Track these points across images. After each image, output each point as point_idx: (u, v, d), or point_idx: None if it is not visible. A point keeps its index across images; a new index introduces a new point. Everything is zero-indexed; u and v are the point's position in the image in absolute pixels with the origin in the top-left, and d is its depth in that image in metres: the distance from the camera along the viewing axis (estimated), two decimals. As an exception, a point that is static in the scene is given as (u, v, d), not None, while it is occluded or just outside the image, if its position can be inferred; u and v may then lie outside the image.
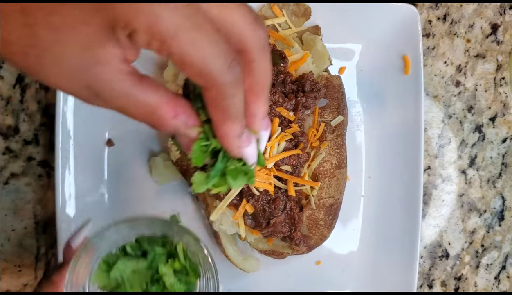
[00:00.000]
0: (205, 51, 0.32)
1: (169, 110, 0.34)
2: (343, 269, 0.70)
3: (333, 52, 0.67)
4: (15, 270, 0.71)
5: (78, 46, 0.31)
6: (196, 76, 0.33)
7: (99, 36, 0.31)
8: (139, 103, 0.34)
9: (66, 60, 0.32)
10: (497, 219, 0.74)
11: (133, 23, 0.30)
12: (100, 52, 0.31)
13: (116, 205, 0.69)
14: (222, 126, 0.36)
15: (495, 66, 0.74)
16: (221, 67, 0.32)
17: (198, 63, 0.32)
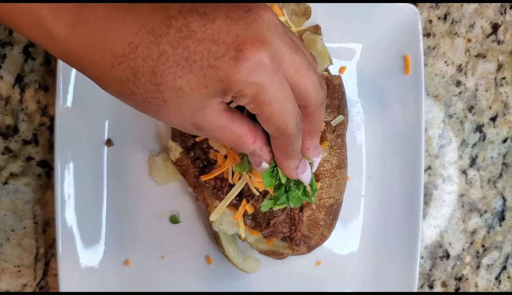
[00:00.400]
0: (286, 117, 0.41)
1: (251, 138, 0.44)
2: (343, 270, 0.70)
3: (333, 52, 0.67)
4: (15, 270, 0.71)
5: (194, 101, 0.39)
6: (273, 131, 0.42)
7: (214, 95, 0.39)
8: (229, 133, 0.42)
9: (181, 109, 0.39)
10: (497, 219, 0.74)
11: (243, 92, 0.38)
12: (208, 103, 0.39)
13: (116, 205, 0.69)
14: (284, 163, 0.47)
15: (496, 66, 0.74)
16: (293, 126, 0.42)
17: (279, 125, 0.41)
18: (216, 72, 0.37)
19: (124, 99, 0.40)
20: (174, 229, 0.70)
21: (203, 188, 0.63)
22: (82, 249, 0.67)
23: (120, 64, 0.38)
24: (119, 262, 0.69)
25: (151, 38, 0.37)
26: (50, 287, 0.72)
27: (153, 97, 0.39)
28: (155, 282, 0.69)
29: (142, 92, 0.39)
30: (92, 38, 0.38)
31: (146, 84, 0.38)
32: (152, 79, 0.38)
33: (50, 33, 0.38)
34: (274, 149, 0.46)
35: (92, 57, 0.38)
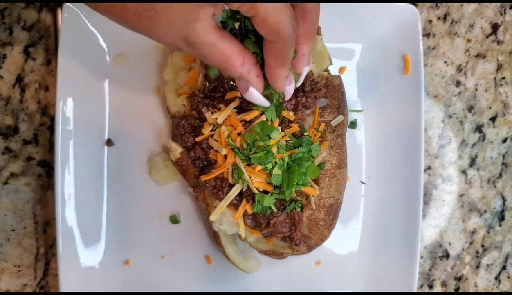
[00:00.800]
0: (281, 15, 0.41)
1: (239, 59, 0.44)
2: (343, 269, 0.70)
3: (333, 52, 0.67)
4: (15, 270, 0.71)
5: (185, 9, 0.39)
6: (269, 32, 0.42)
7: (203, 4, 0.39)
8: (219, 52, 0.42)
9: (173, 20, 0.39)
10: (497, 219, 0.74)
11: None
12: (200, 11, 0.39)
13: (116, 205, 0.69)
14: (276, 70, 0.47)
15: (496, 66, 0.74)
16: (289, 27, 0.42)
17: (275, 24, 0.41)
18: None
19: (116, 16, 0.40)
20: (174, 229, 0.70)
21: (203, 188, 0.63)
22: (82, 249, 0.67)
23: None
24: (119, 262, 0.69)
25: None
26: (50, 287, 0.72)
27: (144, 10, 0.39)
28: (155, 282, 0.69)
29: (133, 5, 0.39)
30: None
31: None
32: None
33: None
34: (268, 56, 0.46)
35: None
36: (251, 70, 0.46)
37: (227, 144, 0.60)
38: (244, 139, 0.58)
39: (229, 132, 0.60)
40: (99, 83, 0.68)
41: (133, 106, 0.69)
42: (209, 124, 0.61)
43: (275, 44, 0.44)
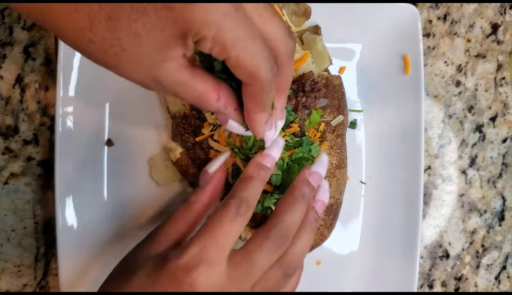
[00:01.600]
0: (256, 57, 0.40)
1: (214, 95, 0.43)
2: (343, 269, 0.70)
3: (333, 52, 0.67)
4: (15, 270, 0.71)
5: (152, 48, 0.38)
6: (245, 76, 0.41)
7: (172, 40, 0.38)
8: (191, 90, 0.41)
9: (139, 58, 0.38)
10: (497, 219, 0.74)
11: (203, 33, 0.37)
12: (168, 53, 0.38)
13: (116, 205, 0.69)
14: (256, 115, 0.46)
15: (496, 66, 0.74)
16: (266, 69, 0.41)
17: (250, 67, 0.40)
18: (170, 13, 0.37)
19: (83, 50, 0.39)
20: (174, 229, 0.70)
21: (203, 188, 0.63)
22: (82, 249, 0.67)
23: (78, 12, 0.37)
24: (119, 262, 0.69)
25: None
26: (50, 287, 0.72)
27: (110, 46, 0.38)
28: (155, 282, 0.69)
29: (100, 40, 0.38)
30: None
31: (102, 31, 0.38)
32: (108, 24, 0.37)
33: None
34: (246, 99, 0.44)
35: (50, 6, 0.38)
36: (227, 104, 0.44)
37: (227, 144, 0.60)
38: (244, 139, 0.58)
39: (229, 132, 0.60)
40: (99, 83, 0.68)
41: (133, 106, 0.69)
42: (209, 124, 0.61)
43: (253, 87, 0.42)
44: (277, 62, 0.44)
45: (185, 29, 0.37)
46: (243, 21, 0.39)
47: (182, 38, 0.38)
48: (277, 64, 0.44)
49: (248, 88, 0.43)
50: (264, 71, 0.41)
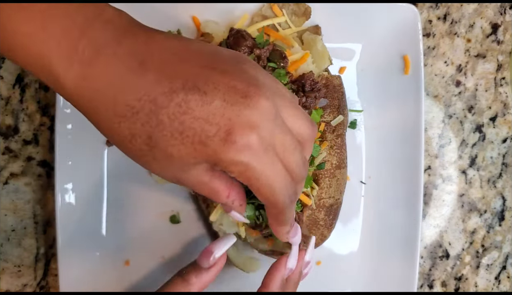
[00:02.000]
0: (276, 191, 0.43)
1: (225, 193, 0.45)
2: (343, 270, 0.70)
3: (333, 52, 0.67)
4: (15, 270, 0.71)
5: (181, 166, 0.41)
6: (264, 201, 0.44)
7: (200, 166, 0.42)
8: (207, 189, 0.44)
9: (169, 169, 0.42)
10: (497, 219, 0.74)
11: (230, 169, 0.41)
12: (195, 168, 0.42)
13: (116, 205, 0.69)
14: (277, 228, 0.49)
15: (496, 66, 0.74)
16: (284, 200, 0.44)
17: (268, 198, 0.43)
18: (205, 149, 0.40)
19: (117, 147, 0.43)
20: (174, 229, 0.70)
21: (203, 188, 0.63)
22: (82, 249, 0.67)
23: (121, 124, 0.40)
24: (119, 262, 0.69)
25: (152, 107, 0.39)
26: (50, 287, 0.72)
27: (144, 155, 0.41)
28: (155, 282, 0.69)
29: (137, 149, 0.41)
30: (98, 95, 0.40)
31: (141, 144, 0.41)
32: (147, 141, 0.40)
33: (59, 81, 0.40)
34: (268, 214, 0.48)
35: (96, 111, 0.41)
36: (235, 201, 0.47)
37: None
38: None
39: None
40: (99, 83, 0.68)
41: (133, 106, 0.69)
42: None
43: (272, 210, 0.46)
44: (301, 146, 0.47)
45: (216, 163, 0.41)
46: (271, 159, 0.42)
47: (211, 166, 0.42)
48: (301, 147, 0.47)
49: (268, 209, 0.46)
50: (281, 202, 0.44)
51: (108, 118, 0.40)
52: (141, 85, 0.40)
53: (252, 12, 0.67)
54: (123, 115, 0.40)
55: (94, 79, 0.40)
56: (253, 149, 0.40)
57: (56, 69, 0.39)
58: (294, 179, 0.46)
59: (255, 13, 0.67)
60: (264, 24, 0.65)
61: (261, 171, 0.42)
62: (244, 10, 0.67)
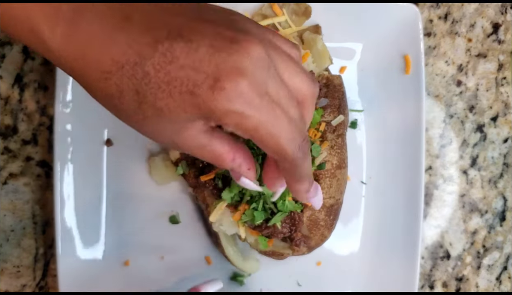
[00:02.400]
0: (281, 139, 0.40)
1: (229, 156, 0.43)
2: (343, 270, 0.70)
3: (333, 52, 0.67)
4: (14, 270, 0.71)
5: (174, 123, 0.40)
6: (272, 154, 0.41)
7: (193, 120, 0.40)
8: (208, 152, 0.42)
9: (161, 128, 0.40)
10: (498, 219, 0.74)
11: (224, 121, 0.39)
12: (189, 125, 0.40)
13: (115, 205, 0.69)
14: (294, 186, 0.46)
15: (497, 66, 0.74)
16: (293, 149, 0.41)
17: (274, 148, 0.41)
18: (195, 99, 0.38)
19: (108, 109, 0.42)
20: (174, 229, 0.70)
21: (203, 188, 0.63)
22: (81, 249, 0.67)
23: (107, 80, 0.39)
24: (119, 262, 0.69)
25: (137, 59, 0.38)
26: (49, 288, 0.72)
27: (135, 113, 0.40)
28: (155, 282, 0.69)
29: (125, 107, 0.40)
30: (84, 53, 0.39)
31: (129, 101, 0.39)
32: (135, 97, 0.39)
33: (46, 44, 0.39)
34: (282, 171, 0.45)
35: (82, 70, 0.40)
36: (242, 164, 0.45)
37: None
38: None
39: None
40: (98, 83, 0.68)
41: (132, 106, 0.69)
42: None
43: (284, 164, 0.43)
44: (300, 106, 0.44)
45: (208, 115, 0.39)
46: (266, 105, 0.39)
47: (204, 119, 0.39)
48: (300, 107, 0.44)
49: (279, 164, 0.44)
50: (291, 151, 0.41)
51: (95, 77, 0.39)
52: (125, 38, 0.38)
53: (252, 12, 0.67)
54: (109, 71, 0.39)
55: (79, 37, 0.39)
56: (245, 96, 0.38)
57: (42, 30, 0.39)
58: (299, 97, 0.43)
59: (255, 12, 0.67)
60: (264, 23, 0.65)
61: (258, 120, 0.39)
62: (245, 9, 0.66)
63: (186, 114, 0.39)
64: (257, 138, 0.40)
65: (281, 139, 0.40)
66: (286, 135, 0.41)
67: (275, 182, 0.49)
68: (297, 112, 0.42)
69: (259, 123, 0.39)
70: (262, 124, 0.39)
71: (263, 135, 0.40)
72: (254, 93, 0.38)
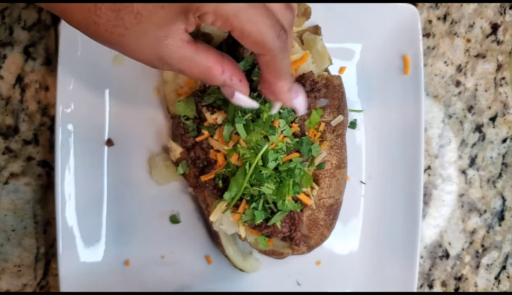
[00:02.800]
0: (260, 25, 0.40)
1: (218, 68, 0.43)
2: (343, 269, 0.70)
3: (333, 52, 0.67)
4: (15, 270, 0.71)
5: (154, 25, 0.39)
6: (253, 45, 0.41)
7: (173, 17, 0.39)
8: (196, 65, 0.42)
9: (143, 36, 0.40)
10: (497, 219, 0.74)
11: (203, 8, 0.38)
12: (171, 28, 0.39)
13: (116, 205, 0.69)
14: (276, 85, 0.46)
15: (495, 66, 0.74)
16: (272, 36, 0.41)
17: (254, 35, 0.40)
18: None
19: (88, 32, 0.41)
20: (174, 229, 0.70)
21: (203, 188, 0.63)
22: (82, 248, 0.67)
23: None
24: (119, 262, 0.69)
25: None
26: (50, 287, 0.72)
27: (114, 26, 0.40)
28: (155, 282, 0.69)
29: (104, 21, 0.40)
30: None
31: (106, 12, 0.39)
32: (111, 6, 0.39)
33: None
34: (262, 69, 0.45)
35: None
36: (233, 76, 0.45)
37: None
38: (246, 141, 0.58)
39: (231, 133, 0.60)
40: (99, 83, 0.68)
41: (133, 106, 0.69)
42: (209, 124, 0.61)
43: (264, 57, 0.43)
44: None
45: (186, 6, 0.39)
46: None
47: (183, 13, 0.39)
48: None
49: (261, 59, 0.44)
50: (271, 38, 0.41)
51: None
52: None
53: (252, 12, 0.67)
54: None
55: None
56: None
57: None
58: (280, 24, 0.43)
59: (255, 13, 0.67)
60: (264, 24, 0.65)
61: (237, 6, 0.39)
62: (244, 10, 0.67)
63: (164, 12, 0.39)
64: (238, 27, 0.40)
65: (260, 25, 0.41)
66: (265, 21, 0.41)
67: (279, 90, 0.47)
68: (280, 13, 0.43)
69: (238, 8, 0.39)
70: (241, 10, 0.40)
71: (243, 21, 0.40)
72: None
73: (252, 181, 0.58)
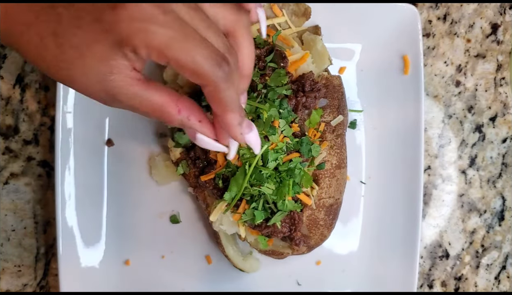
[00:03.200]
0: (195, 56, 0.39)
1: (173, 107, 0.42)
2: (343, 269, 0.70)
3: (333, 52, 0.67)
4: (15, 270, 0.71)
5: (95, 59, 0.40)
6: (192, 76, 0.40)
7: (110, 52, 0.39)
8: (148, 103, 0.42)
9: (88, 71, 0.40)
10: (497, 219, 0.74)
11: (133, 41, 0.38)
12: (112, 64, 0.39)
13: (116, 205, 0.69)
14: (224, 118, 0.43)
15: (495, 66, 0.74)
16: (211, 66, 0.40)
17: (190, 66, 0.39)
18: (101, 25, 0.39)
19: (38, 65, 0.42)
20: (174, 229, 0.70)
21: (203, 188, 0.63)
22: (82, 248, 0.67)
23: (30, 30, 0.40)
24: (119, 262, 0.69)
25: (49, 5, 0.40)
26: (50, 287, 0.72)
27: (61, 61, 0.40)
28: (155, 282, 0.69)
29: (51, 58, 0.41)
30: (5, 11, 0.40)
31: (51, 47, 0.40)
32: (55, 41, 0.40)
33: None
34: (209, 102, 0.43)
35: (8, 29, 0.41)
36: (190, 116, 0.43)
37: None
38: None
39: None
40: (99, 83, 0.68)
41: (133, 106, 0.69)
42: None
43: (207, 87, 0.41)
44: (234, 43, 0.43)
45: (118, 40, 0.39)
46: (172, 21, 0.39)
47: (118, 47, 0.39)
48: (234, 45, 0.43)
49: (204, 90, 0.42)
50: (208, 69, 0.40)
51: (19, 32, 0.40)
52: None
53: (252, 12, 0.67)
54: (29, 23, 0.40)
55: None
56: (147, 12, 0.38)
57: None
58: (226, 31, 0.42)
59: (255, 13, 0.67)
60: (264, 24, 0.65)
61: (166, 35, 0.38)
62: (244, 10, 0.67)
63: (101, 46, 0.39)
64: (173, 58, 0.39)
65: (196, 56, 0.39)
66: (201, 52, 0.39)
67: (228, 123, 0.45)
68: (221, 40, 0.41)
69: (169, 39, 0.39)
70: (172, 40, 0.39)
71: (177, 51, 0.39)
72: (157, 10, 0.39)
73: (252, 181, 0.58)
